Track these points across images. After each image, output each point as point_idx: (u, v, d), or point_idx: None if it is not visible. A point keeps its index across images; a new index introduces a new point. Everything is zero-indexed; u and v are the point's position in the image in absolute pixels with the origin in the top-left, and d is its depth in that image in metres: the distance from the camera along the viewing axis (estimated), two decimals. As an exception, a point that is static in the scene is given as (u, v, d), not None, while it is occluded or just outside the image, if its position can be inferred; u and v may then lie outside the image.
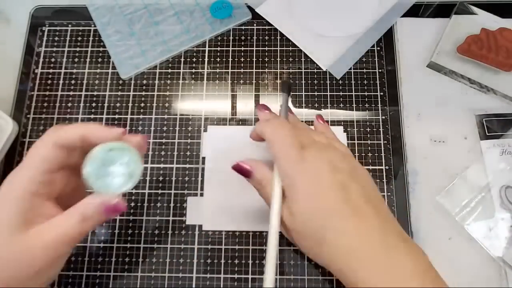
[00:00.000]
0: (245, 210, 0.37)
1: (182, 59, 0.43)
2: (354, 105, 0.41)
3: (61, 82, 0.42)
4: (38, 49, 0.44)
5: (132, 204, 0.38)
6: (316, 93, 0.41)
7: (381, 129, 0.40)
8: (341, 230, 0.26)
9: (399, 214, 0.37)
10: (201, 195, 0.38)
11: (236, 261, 0.36)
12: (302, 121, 0.36)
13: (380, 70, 0.42)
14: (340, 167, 0.28)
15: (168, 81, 0.42)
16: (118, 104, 0.41)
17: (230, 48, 0.43)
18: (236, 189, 0.37)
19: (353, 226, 0.26)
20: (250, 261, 0.36)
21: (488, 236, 0.36)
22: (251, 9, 0.45)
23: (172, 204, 0.38)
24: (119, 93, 0.42)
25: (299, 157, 0.28)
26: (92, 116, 0.41)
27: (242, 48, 0.43)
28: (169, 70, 0.43)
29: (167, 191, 0.38)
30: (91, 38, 0.44)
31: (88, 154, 0.25)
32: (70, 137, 0.25)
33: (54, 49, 0.44)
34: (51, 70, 0.43)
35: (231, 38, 0.44)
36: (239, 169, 0.31)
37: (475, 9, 0.43)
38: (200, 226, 0.37)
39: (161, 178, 0.39)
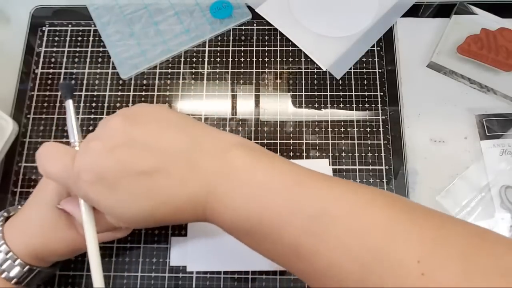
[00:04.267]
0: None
1: (182, 59, 0.43)
2: (354, 105, 0.41)
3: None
4: (38, 49, 0.44)
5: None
6: (316, 93, 0.41)
7: (381, 129, 0.40)
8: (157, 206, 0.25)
9: (399, 214, 0.37)
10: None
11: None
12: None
13: (380, 70, 0.42)
14: (106, 153, 0.25)
15: (168, 81, 0.42)
16: (118, 104, 0.41)
17: (230, 48, 0.43)
18: None
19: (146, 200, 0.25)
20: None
21: (488, 236, 0.36)
22: (251, 9, 0.45)
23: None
24: (119, 93, 0.42)
25: (73, 174, 0.25)
26: (92, 116, 0.41)
27: (242, 48, 0.43)
28: (169, 70, 0.43)
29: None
30: (91, 38, 0.44)
31: None
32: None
33: (54, 49, 0.44)
34: (51, 70, 0.43)
35: (231, 38, 0.44)
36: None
37: (475, 9, 0.43)
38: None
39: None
